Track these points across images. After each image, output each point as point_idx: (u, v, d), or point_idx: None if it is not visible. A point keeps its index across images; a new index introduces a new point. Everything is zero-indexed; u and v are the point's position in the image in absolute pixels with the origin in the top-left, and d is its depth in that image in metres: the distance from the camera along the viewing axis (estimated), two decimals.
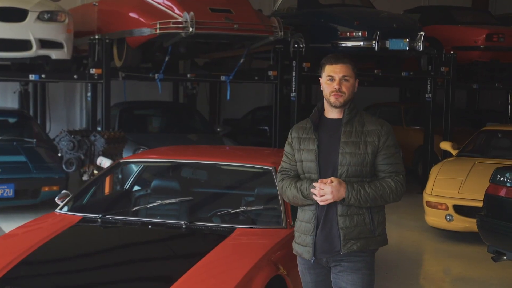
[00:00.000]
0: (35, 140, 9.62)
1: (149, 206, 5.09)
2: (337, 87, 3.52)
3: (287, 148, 3.68)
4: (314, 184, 3.45)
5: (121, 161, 5.70)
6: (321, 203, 3.45)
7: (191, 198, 5.26)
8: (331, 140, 3.52)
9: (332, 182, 3.41)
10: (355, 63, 3.63)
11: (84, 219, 4.69)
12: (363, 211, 3.48)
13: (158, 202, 5.01)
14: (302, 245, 3.58)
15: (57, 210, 4.92)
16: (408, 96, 15.64)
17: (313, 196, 3.45)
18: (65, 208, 4.94)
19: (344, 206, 3.46)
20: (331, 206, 3.48)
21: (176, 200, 5.11)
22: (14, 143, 9.43)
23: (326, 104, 3.60)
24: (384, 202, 3.51)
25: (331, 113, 3.59)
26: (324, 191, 3.41)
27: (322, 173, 3.50)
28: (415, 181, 11.89)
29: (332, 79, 3.54)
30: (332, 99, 3.53)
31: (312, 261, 3.55)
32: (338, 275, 3.54)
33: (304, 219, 3.58)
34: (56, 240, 4.33)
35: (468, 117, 14.15)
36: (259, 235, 4.44)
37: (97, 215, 4.66)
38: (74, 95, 14.22)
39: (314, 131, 3.56)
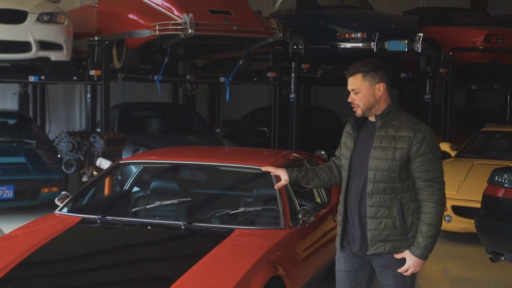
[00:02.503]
0: (34, 141, 9.63)
1: (148, 207, 5.10)
2: (350, 100, 3.57)
3: (342, 137, 3.78)
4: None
5: (120, 162, 5.71)
6: (406, 274, 3.55)
7: (190, 199, 5.28)
8: (366, 142, 3.56)
9: None
10: (376, 65, 3.56)
11: (83, 220, 4.71)
12: (394, 215, 3.49)
13: (157, 203, 5.03)
14: (337, 234, 3.71)
15: (56, 211, 4.93)
16: (407, 97, 15.66)
17: None
18: (65, 209, 4.95)
19: (372, 208, 3.50)
20: (362, 206, 3.53)
21: (175, 201, 5.12)
22: (14, 144, 9.44)
23: None
24: (442, 220, 3.55)
25: (371, 116, 3.61)
26: (405, 267, 3.51)
27: (352, 173, 3.58)
28: None
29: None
30: (354, 109, 3.60)
31: (338, 250, 3.70)
32: (378, 270, 3.63)
33: (339, 210, 3.69)
34: (56, 241, 4.35)
35: (467, 118, 14.17)
36: (258, 236, 4.46)
37: (97, 216, 4.68)
38: (73, 96, 14.22)
39: (354, 129, 3.62)
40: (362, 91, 3.53)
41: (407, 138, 3.47)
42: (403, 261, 3.54)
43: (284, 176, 3.73)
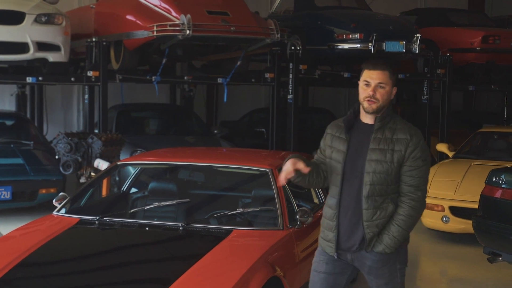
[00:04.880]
0: (32, 142, 9.63)
1: (146, 208, 5.10)
2: (371, 93, 3.52)
3: (321, 142, 3.74)
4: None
5: (118, 163, 5.71)
6: None
7: (188, 200, 5.28)
8: (361, 145, 3.55)
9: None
10: (394, 70, 3.60)
11: (81, 221, 4.71)
12: (388, 214, 3.51)
13: (156, 204, 5.03)
14: (328, 239, 3.68)
15: (54, 212, 4.93)
16: (404, 98, 15.67)
17: None
18: (63, 210, 4.95)
19: (369, 211, 3.50)
20: (357, 209, 3.53)
21: (173, 202, 5.12)
22: (12, 145, 9.43)
23: (361, 107, 3.62)
24: (413, 226, 3.58)
25: (365, 118, 3.60)
26: None
27: (346, 176, 3.55)
28: None
29: (368, 85, 3.53)
30: (366, 104, 3.54)
31: (325, 255, 3.69)
32: (370, 269, 3.64)
33: (330, 215, 3.65)
34: (54, 242, 4.35)
35: (464, 119, 14.19)
36: (256, 236, 4.46)
37: (95, 217, 4.68)
38: (71, 97, 14.22)
39: (346, 132, 3.59)
40: (386, 88, 3.53)
41: (404, 141, 3.49)
42: (395, 256, 3.57)
43: (301, 165, 3.50)
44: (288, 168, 3.51)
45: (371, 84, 3.52)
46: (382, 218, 3.50)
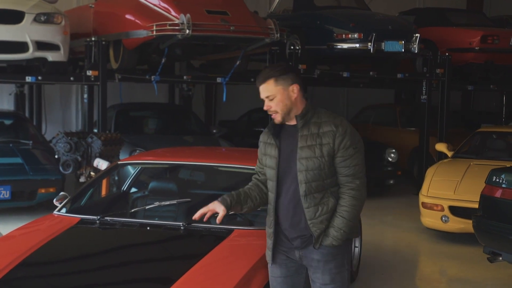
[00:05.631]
0: (31, 142, 9.62)
1: (147, 207, 5.10)
2: (266, 108, 3.53)
3: (258, 152, 3.73)
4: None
5: (119, 162, 5.71)
6: None
7: (189, 199, 5.27)
8: (290, 146, 3.53)
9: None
10: (284, 67, 3.53)
11: (82, 221, 4.70)
12: (330, 208, 3.49)
13: (157, 203, 5.03)
14: (267, 247, 3.71)
15: (55, 212, 4.93)
16: (403, 98, 15.69)
17: None
18: (63, 210, 4.95)
19: (310, 209, 3.49)
20: (299, 210, 3.52)
21: (174, 201, 5.12)
22: (10, 145, 9.42)
23: None
24: (356, 219, 3.56)
25: (289, 121, 3.57)
26: None
27: (280, 181, 3.55)
28: (410, 183, 11.94)
29: (264, 100, 3.55)
30: (273, 117, 3.55)
31: (270, 264, 3.72)
32: (317, 265, 3.61)
33: (269, 222, 3.69)
34: (55, 241, 4.34)
35: (463, 119, 14.20)
36: (257, 236, 4.44)
37: (96, 217, 4.67)
38: (70, 96, 14.22)
39: (274, 137, 3.58)
40: (277, 96, 3.49)
41: (330, 133, 3.47)
42: (344, 252, 3.58)
43: (219, 208, 3.60)
44: (204, 211, 3.64)
45: (264, 99, 3.53)
46: (325, 213, 3.49)
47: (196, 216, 3.68)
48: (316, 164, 3.45)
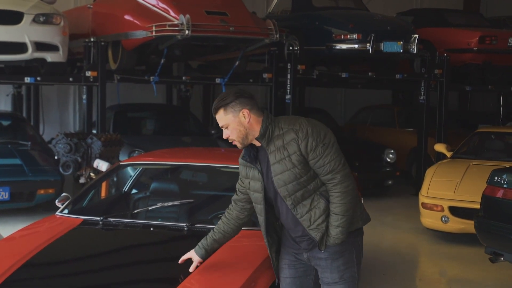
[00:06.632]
0: (29, 143, 9.60)
1: (150, 208, 5.09)
2: (225, 137, 3.53)
3: (239, 175, 3.73)
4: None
5: (121, 163, 5.69)
6: None
7: (192, 200, 5.27)
8: (267, 167, 3.53)
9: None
10: (230, 94, 3.47)
11: (85, 222, 4.68)
12: (324, 208, 3.49)
13: (160, 204, 5.02)
14: (274, 267, 3.81)
15: (57, 213, 4.91)
16: (401, 98, 15.70)
17: None
18: (66, 211, 4.93)
19: (304, 217, 3.50)
20: (297, 222, 3.55)
21: (177, 202, 5.11)
22: (9, 146, 9.41)
23: None
24: (353, 210, 3.52)
25: (254, 142, 3.56)
26: None
27: (270, 201, 3.58)
28: (409, 183, 11.95)
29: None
30: (233, 144, 3.56)
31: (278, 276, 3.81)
32: (325, 264, 3.63)
33: (269, 245, 3.81)
34: (58, 243, 4.32)
35: (460, 119, 14.23)
36: (261, 237, 4.43)
37: (99, 218, 4.66)
38: (67, 97, 14.20)
39: (254, 162, 3.56)
40: (231, 125, 3.47)
41: (293, 141, 3.42)
42: (351, 248, 3.58)
43: (194, 258, 3.76)
44: (184, 258, 3.81)
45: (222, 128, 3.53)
46: (319, 216, 3.48)
47: (180, 261, 3.83)
48: (291, 177, 3.44)
